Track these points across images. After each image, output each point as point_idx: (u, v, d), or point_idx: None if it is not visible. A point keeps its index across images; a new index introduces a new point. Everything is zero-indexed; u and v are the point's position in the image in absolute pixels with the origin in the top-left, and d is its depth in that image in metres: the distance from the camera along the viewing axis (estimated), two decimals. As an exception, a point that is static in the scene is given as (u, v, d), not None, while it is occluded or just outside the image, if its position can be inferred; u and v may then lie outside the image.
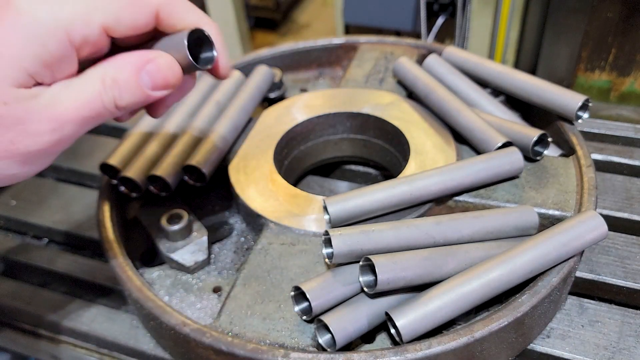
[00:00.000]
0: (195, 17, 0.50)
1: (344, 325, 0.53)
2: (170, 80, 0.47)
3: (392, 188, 0.65)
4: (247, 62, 0.97)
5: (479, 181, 0.67)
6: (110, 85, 0.45)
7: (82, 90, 0.44)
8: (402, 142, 0.79)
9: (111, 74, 0.45)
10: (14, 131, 0.42)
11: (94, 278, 0.74)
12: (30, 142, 0.43)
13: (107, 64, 0.46)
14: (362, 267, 0.55)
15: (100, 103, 0.45)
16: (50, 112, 0.43)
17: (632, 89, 1.48)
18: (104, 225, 0.69)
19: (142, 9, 0.46)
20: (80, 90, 0.44)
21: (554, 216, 0.65)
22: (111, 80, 0.45)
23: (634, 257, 0.68)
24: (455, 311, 0.53)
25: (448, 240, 0.59)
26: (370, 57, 0.96)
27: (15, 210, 0.87)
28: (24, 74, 0.41)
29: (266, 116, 0.85)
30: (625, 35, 1.40)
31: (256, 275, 0.62)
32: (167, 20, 0.48)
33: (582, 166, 0.69)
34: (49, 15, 0.41)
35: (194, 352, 0.57)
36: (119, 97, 0.45)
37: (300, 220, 0.68)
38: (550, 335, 0.61)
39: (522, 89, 0.78)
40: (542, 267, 0.56)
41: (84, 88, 0.44)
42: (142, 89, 0.46)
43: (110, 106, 0.45)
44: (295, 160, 0.86)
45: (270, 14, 3.40)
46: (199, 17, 0.50)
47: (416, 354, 0.50)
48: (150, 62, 0.46)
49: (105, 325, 0.68)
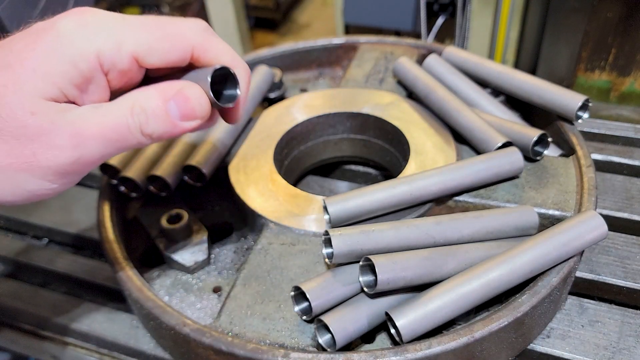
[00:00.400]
0: (229, 58, 0.51)
1: (344, 325, 0.53)
2: (198, 112, 0.48)
3: (392, 188, 0.65)
4: (247, 62, 0.96)
5: (479, 181, 0.67)
6: (138, 111, 0.46)
7: (109, 112, 0.46)
8: (402, 142, 0.79)
9: (140, 101, 0.46)
10: (37, 142, 0.43)
11: (94, 278, 0.74)
12: (51, 156, 0.44)
13: (138, 92, 0.47)
14: (362, 267, 0.55)
15: (125, 127, 0.46)
16: (75, 127, 0.44)
17: (632, 89, 1.48)
18: (104, 225, 0.69)
19: (178, 45, 0.48)
20: (108, 112, 0.46)
21: (554, 216, 0.65)
22: (139, 107, 0.46)
23: (634, 257, 0.68)
24: (455, 311, 0.53)
25: (448, 240, 0.59)
26: (370, 57, 0.96)
27: (15, 210, 0.87)
28: (55, 89, 0.43)
29: (266, 116, 0.85)
30: (625, 35, 1.40)
31: (256, 275, 0.62)
32: (201, 58, 0.49)
33: (582, 166, 0.69)
34: (84, 39, 0.44)
35: (194, 352, 0.57)
36: (145, 124, 0.46)
37: (300, 220, 0.68)
38: (550, 335, 0.61)
39: (522, 89, 0.78)
40: (542, 267, 0.56)
41: (112, 110, 0.46)
42: (170, 119, 0.47)
43: (136, 131, 0.46)
44: (295, 160, 0.86)
45: (270, 14, 3.40)
46: (232, 58, 0.51)
47: (416, 354, 0.50)
48: (179, 92, 0.47)
49: (105, 325, 0.68)
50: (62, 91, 0.44)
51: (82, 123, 0.44)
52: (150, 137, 0.47)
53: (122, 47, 0.45)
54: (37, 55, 0.43)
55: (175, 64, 0.49)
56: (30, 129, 0.43)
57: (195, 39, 0.49)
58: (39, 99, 0.43)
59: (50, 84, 0.43)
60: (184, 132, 0.49)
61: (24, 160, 0.43)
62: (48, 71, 0.43)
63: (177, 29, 0.48)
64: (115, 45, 0.45)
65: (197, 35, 0.49)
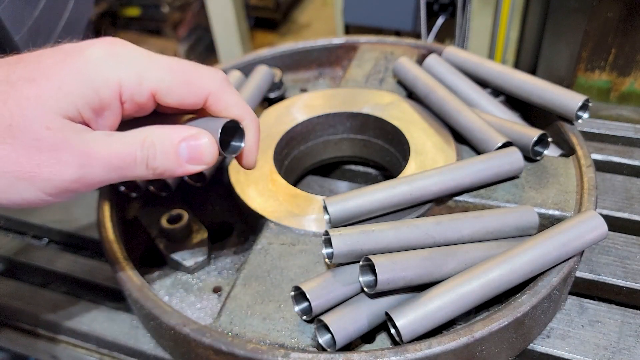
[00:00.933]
0: (240, 111, 0.54)
1: (344, 325, 0.53)
2: (205, 159, 0.50)
3: (392, 188, 0.65)
4: (247, 62, 0.97)
5: (479, 181, 0.67)
6: (149, 145, 0.48)
7: (120, 140, 0.48)
8: (402, 142, 0.79)
9: (153, 136, 0.49)
10: (45, 155, 0.45)
11: (94, 278, 0.74)
12: (55, 171, 0.45)
13: (154, 128, 0.49)
14: (362, 267, 0.55)
15: (132, 157, 0.48)
16: (84, 147, 0.46)
17: (632, 89, 1.48)
18: (104, 225, 0.69)
19: (195, 91, 0.51)
20: (119, 140, 0.48)
21: (554, 216, 0.65)
22: (151, 141, 0.48)
23: (634, 257, 0.68)
24: (455, 311, 0.53)
25: (448, 240, 0.59)
26: (370, 57, 0.96)
27: (15, 210, 0.87)
28: (74, 109, 0.45)
29: (266, 116, 0.85)
30: (625, 35, 1.40)
31: (256, 275, 0.62)
32: (214, 106, 0.53)
33: (582, 166, 0.69)
34: (110, 68, 0.47)
35: (194, 352, 0.57)
36: (152, 158, 0.48)
37: (300, 220, 0.68)
38: (550, 335, 0.61)
39: (522, 89, 0.78)
40: (542, 267, 0.56)
41: (124, 139, 0.48)
42: (178, 159, 0.49)
43: (142, 163, 0.48)
44: (295, 160, 0.86)
45: (270, 14, 3.40)
46: (243, 111, 0.55)
47: (416, 354, 0.50)
48: (193, 137, 0.50)
49: (105, 325, 0.68)
50: (79, 112, 0.46)
51: (92, 145, 0.46)
52: (153, 171, 0.49)
53: (144, 82, 0.48)
54: (64, 75, 0.45)
55: (188, 107, 0.52)
56: (43, 142, 0.44)
57: (212, 88, 0.52)
58: (56, 115, 0.45)
59: (70, 104, 0.45)
60: (185, 174, 0.51)
61: (28, 170, 0.45)
62: (71, 91, 0.45)
63: (198, 77, 0.51)
64: (138, 79, 0.48)
65: (215, 85, 0.52)
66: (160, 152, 0.49)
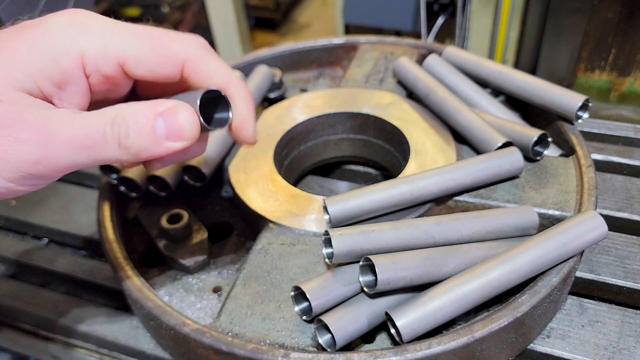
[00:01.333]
0: (223, 79, 0.48)
1: (344, 325, 0.53)
2: (185, 133, 0.45)
3: (392, 188, 0.65)
4: (247, 62, 0.97)
5: (479, 181, 0.67)
6: (120, 121, 0.43)
7: (87, 117, 0.43)
8: (402, 142, 0.79)
9: (124, 113, 0.43)
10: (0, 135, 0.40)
11: (94, 278, 0.74)
12: (10, 150, 0.40)
13: (125, 105, 0.44)
14: (362, 267, 0.55)
15: (101, 134, 0.42)
16: (43, 123, 0.41)
17: (632, 89, 1.48)
18: (104, 225, 0.69)
19: (168, 58, 0.46)
20: (86, 117, 0.43)
21: (554, 216, 0.65)
22: (122, 118, 0.43)
23: (634, 257, 0.68)
24: (455, 311, 0.53)
25: (448, 240, 0.59)
26: (370, 57, 0.96)
27: (15, 210, 0.87)
28: (31, 82, 0.42)
29: (266, 116, 0.85)
30: (625, 35, 1.40)
31: (256, 275, 0.62)
32: (193, 75, 0.47)
33: (582, 166, 0.69)
34: (70, 37, 0.43)
35: (194, 352, 0.57)
36: (125, 135, 0.43)
37: (300, 220, 0.68)
38: (550, 335, 0.61)
39: (522, 89, 0.78)
40: (542, 267, 0.56)
41: (91, 116, 0.43)
42: (154, 136, 0.44)
43: (113, 142, 0.43)
44: (295, 160, 0.86)
45: (270, 14, 3.41)
46: (227, 78, 0.49)
47: (416, 354, 0.50)
48: (170, 110, 0.44)
49: (105, 325, 0.68)
50: (38, 85, 0.42)
51: (53, 121, 0.41)
52: (127, 151, 0.43)
53: (109, 51, 0.44)
54: (18, 45, 0.42)
55: (164, 79, 0.47)
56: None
57: (188, 54, 0.46)
58: (10, 88, 0.41)
59: (26, 75, 0.41)
60: (167, 153, 0.45)
61: None
62: (26, 61, 0.41)
63: (170, 42, 0.46)
64: (102, 48, 0.43)
65: (190, 51, 0.47)
66: (134, 129, 0.43)
